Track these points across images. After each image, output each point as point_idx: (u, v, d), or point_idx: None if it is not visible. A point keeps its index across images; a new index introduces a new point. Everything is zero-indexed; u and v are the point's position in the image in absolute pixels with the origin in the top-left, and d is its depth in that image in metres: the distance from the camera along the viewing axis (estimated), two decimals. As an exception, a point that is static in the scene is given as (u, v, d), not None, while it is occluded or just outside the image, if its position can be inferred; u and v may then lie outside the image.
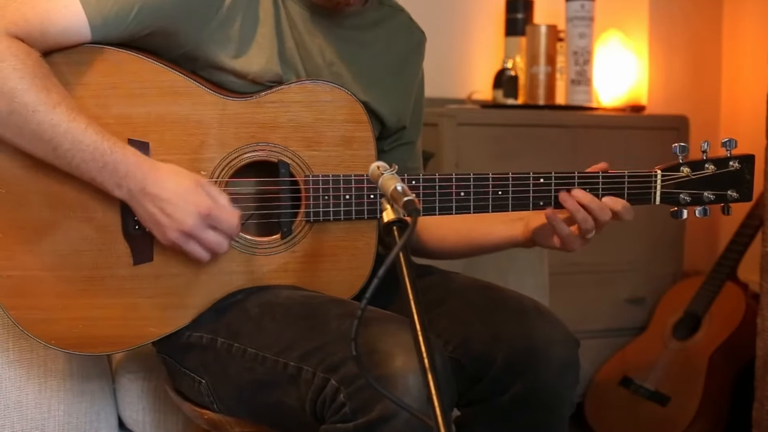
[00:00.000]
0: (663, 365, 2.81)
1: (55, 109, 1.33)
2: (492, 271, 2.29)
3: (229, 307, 1.47)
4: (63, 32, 1.37)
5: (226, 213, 1.38)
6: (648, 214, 3.00)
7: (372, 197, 1.47)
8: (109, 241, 1.42)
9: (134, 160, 1.36)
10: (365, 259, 1.52)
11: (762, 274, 2.21)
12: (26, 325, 1.43)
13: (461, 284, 1.59)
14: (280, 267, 1.49)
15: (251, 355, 1.41)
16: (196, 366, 1.50)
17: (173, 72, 1.42)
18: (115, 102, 1.41)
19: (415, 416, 1.06)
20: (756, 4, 3.12)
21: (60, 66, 1.38)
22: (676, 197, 1.52)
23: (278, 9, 1.49)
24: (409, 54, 1.67)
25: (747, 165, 1.52)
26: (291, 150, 1.46)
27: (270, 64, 1.46)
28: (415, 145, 1.71)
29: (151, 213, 1.37)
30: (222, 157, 1.44)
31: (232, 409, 1.48)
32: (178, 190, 1.36)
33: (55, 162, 1.36)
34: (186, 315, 1.47)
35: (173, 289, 1.45)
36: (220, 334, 1.46)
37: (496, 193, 1.49)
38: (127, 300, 1.44)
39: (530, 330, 1.47)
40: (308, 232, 1.49)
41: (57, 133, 1.33)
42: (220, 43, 1.44)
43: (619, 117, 3.04)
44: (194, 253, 1.40)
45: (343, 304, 1.42)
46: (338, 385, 1.29)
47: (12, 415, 1.69)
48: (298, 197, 1.48)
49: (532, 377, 1.45)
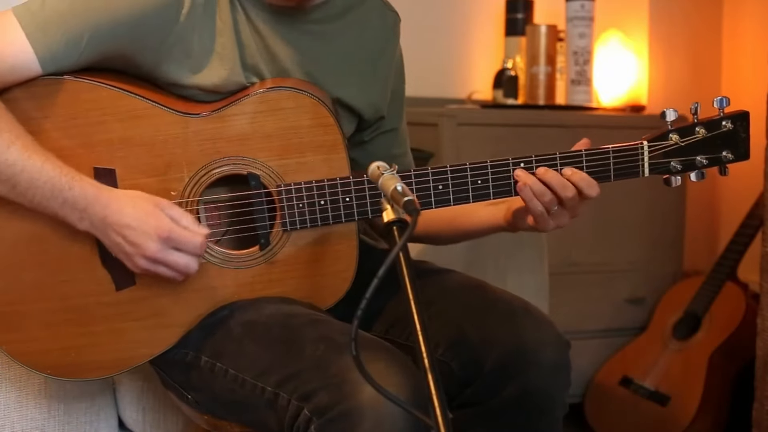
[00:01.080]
0: (663, 365, 2.81)
1: (9, 149, 1.32)
2: (491, 270, 2.29)
3: (214, 324, 1.46)
4: (12, 70, 1.35)
5: (187, 233, 1.36)
6: (648, 214, 3.02)
7: (347, 200, 1.44)
8: (89, 269, 1.42)
9: (93, 192, 1.35)
10: (348, 262, 1.50)
11: (762, 274, 2.21)
12: (20, 358, 1.43)
13: (454, 284, 1.57)
14: (263, 278, 1.47)
15: (232, 376, 1.41)
16: (183, 382, 1.50)
17: (131, 96, 1.40)
18: (77, 132, 1.39)
19: (413, 414, 1.06)
20: (756, 4, 3.12)
21: (20, 101, 1.37)
22: (666, 166, 1.45)
23: (237, 15, 1.45)
24: (383, 39, 1.61)
25: (741, 123, 1.44)
26: (260, 161, 1.44)
27: (232, 75, 1.44)
28: (397, 131, 1.67)
29: (116, 242, 1.36)
30: (190, 175, 1.43)
31: (224, 418, 1.48)
32: (137, 215, 1.35)
33: (17, 200, 1.35)
34: (174, 333, 1.46)
35: (158, 309, 1.45)
36: (204, 353, 1.45)
37: (475, 183, 1.44)
38: (114, 325, 1.44)
39: (520, 332, 1.45)
40: (287, 242, 1.47)
41: (13, 173, 1.32)
42: (178, 60, 1.41)
43: (619, 117, 3.04)
44: (165, 275, 1.39)
45: (321, 326, 1.39)
46: (310, 416, 1.28)
47: (12, 415, 1.69)
48: (273, 207, 1.46)
49: (523, 380, 1.44)
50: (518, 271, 2.35)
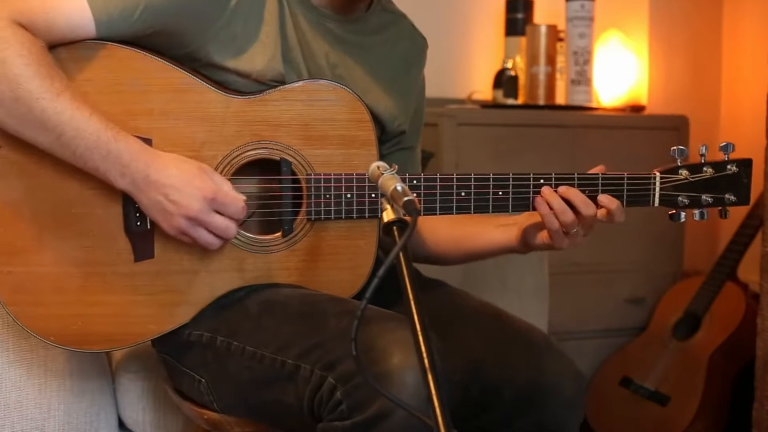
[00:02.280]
0: (663, 365, 2.81)
1: (59, 97, 1.33)
2: (492, 271, 2.29)
3: (230, 305, 1.47)
4: (67, 26, 1.37)
5: (230, 197, 1.39)
6: (648, 214, 3.00)
7: (373, 196, 1.47)
8: (110, 237, 1.43)
9: (137, 148, 1.36)
10: (366, 258, 1.52)
11: (762, 274, 2.21)
12: (25, 320, 1.43)
13: (471, 308, 1.59)
14: (282, 265, 1.49)
15: (250, 353, 1.41)
16: (196, 365, 1.50)
17: (177, 69, 1.43)
18: (119, 98, 1.41)
19: (413, 414, 1.06)
20: (756, 4, 3.12)
21: (64, 61, 1.39)
22: (674, 199, 1.53)
23: (283, 10, 1.49)
24: (411, 61, 1.67)
25: (744, 169, 1.53)
26: (293, 148, 1.46)
27: (273, 63, 1.47)
28: (414, 150, 1.72)
29: (156, 201, 1.37)
30: (224, 154, 1.45)
31: (232, 407, 1.48)
32: (182, 175, 1.36)
33: (59, 151, 1.36)
34: (187, 312, 1.47)
35: (174, 286, 1.46)
36: (219, 333, 1.46)
37: (496, 194, 1.49)
38: (127, 297, 1.44)
39: (540, 366, 1.48)
40: (309, 231, 1.49)
41: (61, 121, 1.33)
42: (224, 43, 1.44)
43: (619, 117, 3.04)
44: (203, 238, 1.40)
45: (342, 302, 1.43)
46: (335, 383, 1.29)
47: (12, 415, 1.70)
48: (299, 195, 1.48)
49: (539, 413, 1.47)
50: (518, 271, 2.35)
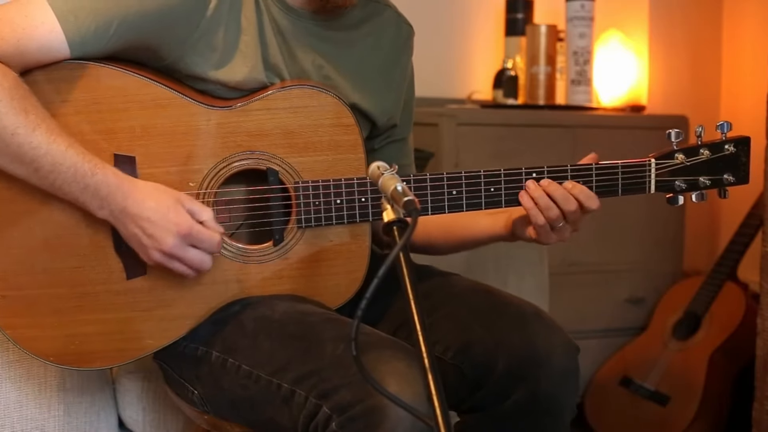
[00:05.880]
0: (663, 365, 2.81)
1: (35, 132, 1.31)
2: (492, 271, 2.29)
3: (226, 319, 1.46)
4: (40, 51, 1.35)
5: (206, 232, 1.37)
6: (648, 214, 3.02)
7: (363, 200, 1.46)
8: (101, 257, 1.42)
9: (114, 181, 1.35)
10: (360, 262, 1.51)
11: (762, 274, 2.21)
12: (23, 343, 1.42)
13: (462, 288, 1.58)
14: (275, 274, 1.48)
15: (245, 372, 1.40)
16: (191, 377, 1.49)
17: (156, 85, 1.41)
18: (99, 118, 1.39)
19: (419, 418, 1.05)
20: (756, 4, 3.12)
21: (41, 84, 1.37)
22: (671, 184, 1.50)
23: (261, 15, 1.47)
24: (398, 50, 1.65)
25: (742, 147, 1.50)
26: (279, 157, 1.45)
27: (254, 73, 1.45)
28: (406, 141, 1.70)
29: (133, 233, 1.36)
30: (210, 167, 1.43)
31: (227, 417, 1.48)
32: (158, 208, 1.35)
33: (38, 183, 1.35)
34: (182, 326, 1.47)
35: (168, 301, 1.45)
36: (215, 348, 1.45)
37: (488, 190, 1.47)
38: (122, 314, 1.44)
39: (531, 336, 1.46)
40: (300, 238, 1.48)
41: (37, 156, 1.31)
42: (203, 54, 1.43)
43: (619, 117, 3.04)
44: (178, 270, 1.39)
45: (338, 325, 1.40)
46: (330, 413, 1.28)
47: (12, 414, 1.69)
48: (288, 204, 1.47)
49: (533, 384, 1.44)
50: (518, 271, 2.35)
